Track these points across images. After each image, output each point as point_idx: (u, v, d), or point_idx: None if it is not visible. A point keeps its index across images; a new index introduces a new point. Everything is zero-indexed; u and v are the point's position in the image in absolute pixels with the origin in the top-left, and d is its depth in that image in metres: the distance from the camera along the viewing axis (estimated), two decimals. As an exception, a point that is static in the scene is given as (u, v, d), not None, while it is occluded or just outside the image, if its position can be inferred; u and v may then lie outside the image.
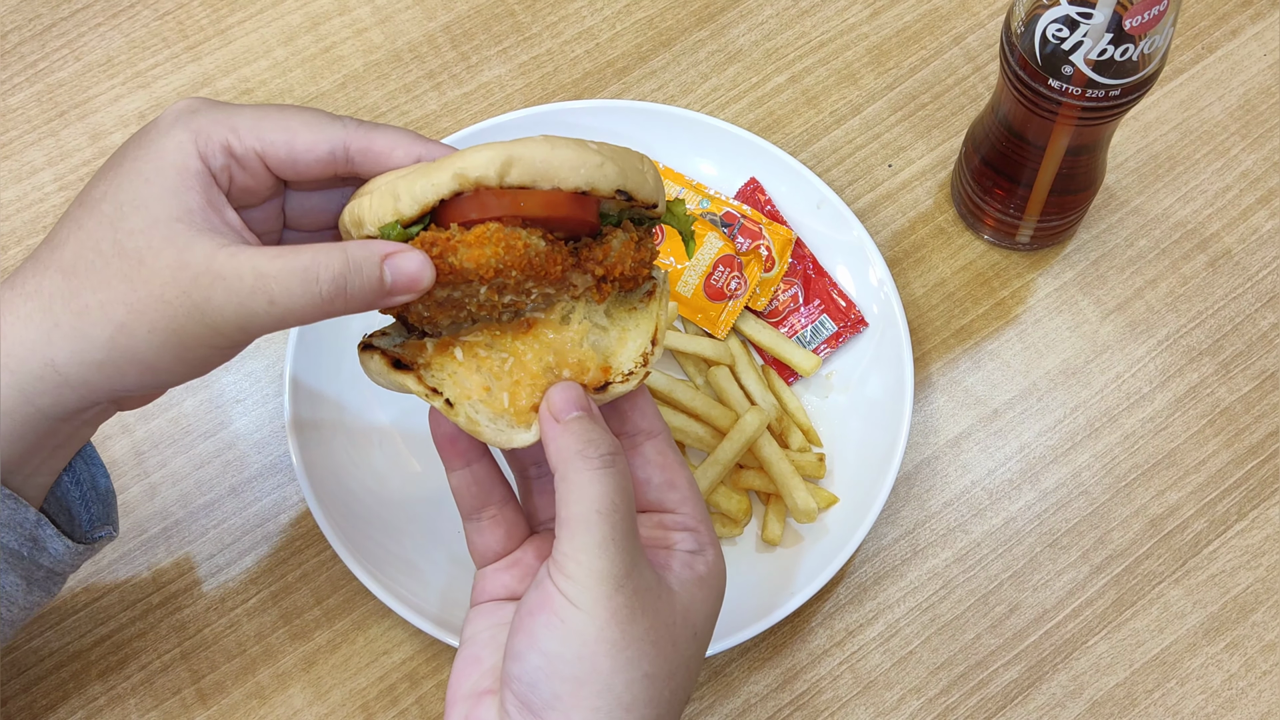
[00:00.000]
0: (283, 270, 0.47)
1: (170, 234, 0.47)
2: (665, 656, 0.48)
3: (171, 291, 0.47)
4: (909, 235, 0.80)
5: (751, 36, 0.86)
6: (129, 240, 0.48)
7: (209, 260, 0.47)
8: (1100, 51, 0.62)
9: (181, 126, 0.49)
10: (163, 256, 0.47)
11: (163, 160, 0.48)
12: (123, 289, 0.47)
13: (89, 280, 0.48)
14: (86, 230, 0.48)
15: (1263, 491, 0.73)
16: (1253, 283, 0.78)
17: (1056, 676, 0.69)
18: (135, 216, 0.48)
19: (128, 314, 0.47)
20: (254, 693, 0.68)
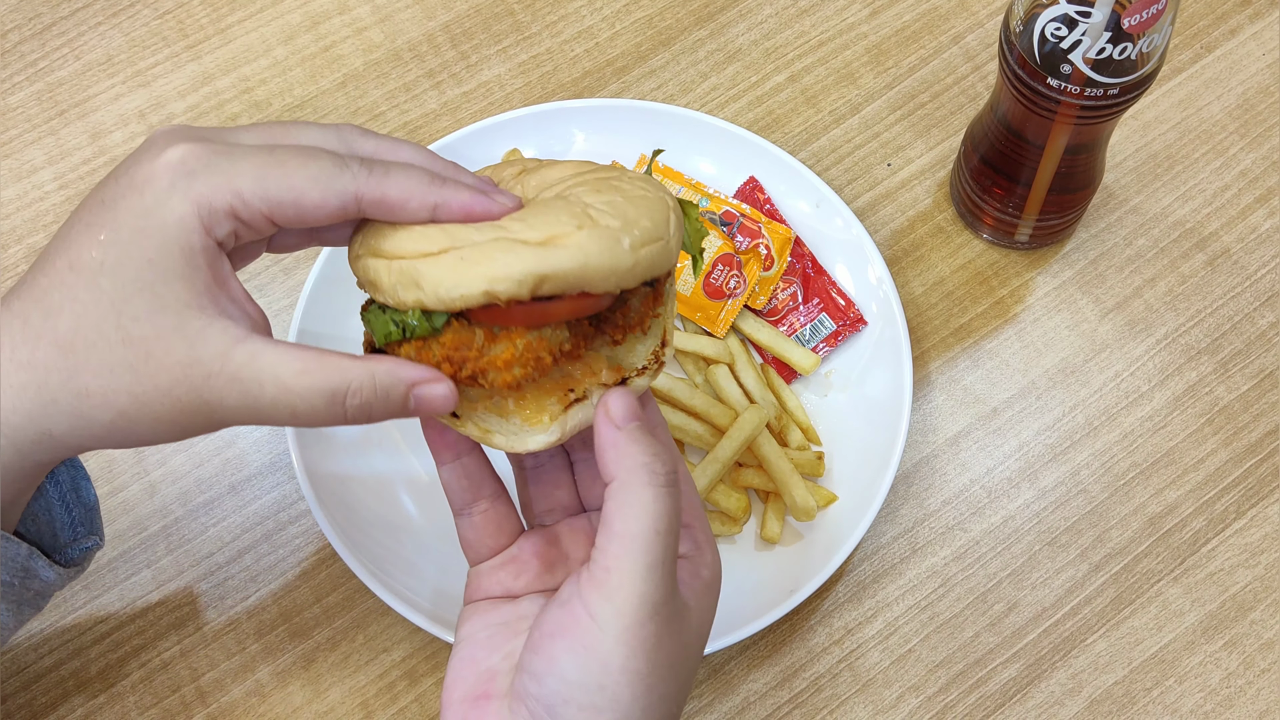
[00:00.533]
0: (309, 390, 0.46)
1: (179, 323, 0.45)
2: (677, 676, 0.47)
3: (181, 389, 0.46)
4: (908, 234, 0.80)
5: (751, 36, 0.86)
6: (134, 327, 0.45)
7: (223, 360, 0.45)
8: (1099, 50, 0.62)
9: (181, 195, 0.45)
10: (173, 351, 0.45)
11: (166, 236, 0.45)
12: (127, 379, 0.46)
13: (89, 363, 0.46)
14: (84, 305, 0.45)
15: (1261, 490, 0.73)
16: (1251, 281, 0.78)
17: (1055, 675, 0.69)
18: (139, 301, 0.45)
19: (131, 403, 0.46)
20: (253, 690, 0.68)
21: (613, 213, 0.49)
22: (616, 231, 0.48)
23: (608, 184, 0.51)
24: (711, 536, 0.53)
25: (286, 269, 0.79)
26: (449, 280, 0.47)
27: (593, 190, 0.50)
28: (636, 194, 0.50)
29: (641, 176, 0.53)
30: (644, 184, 0.52)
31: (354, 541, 0.67)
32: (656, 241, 0.50)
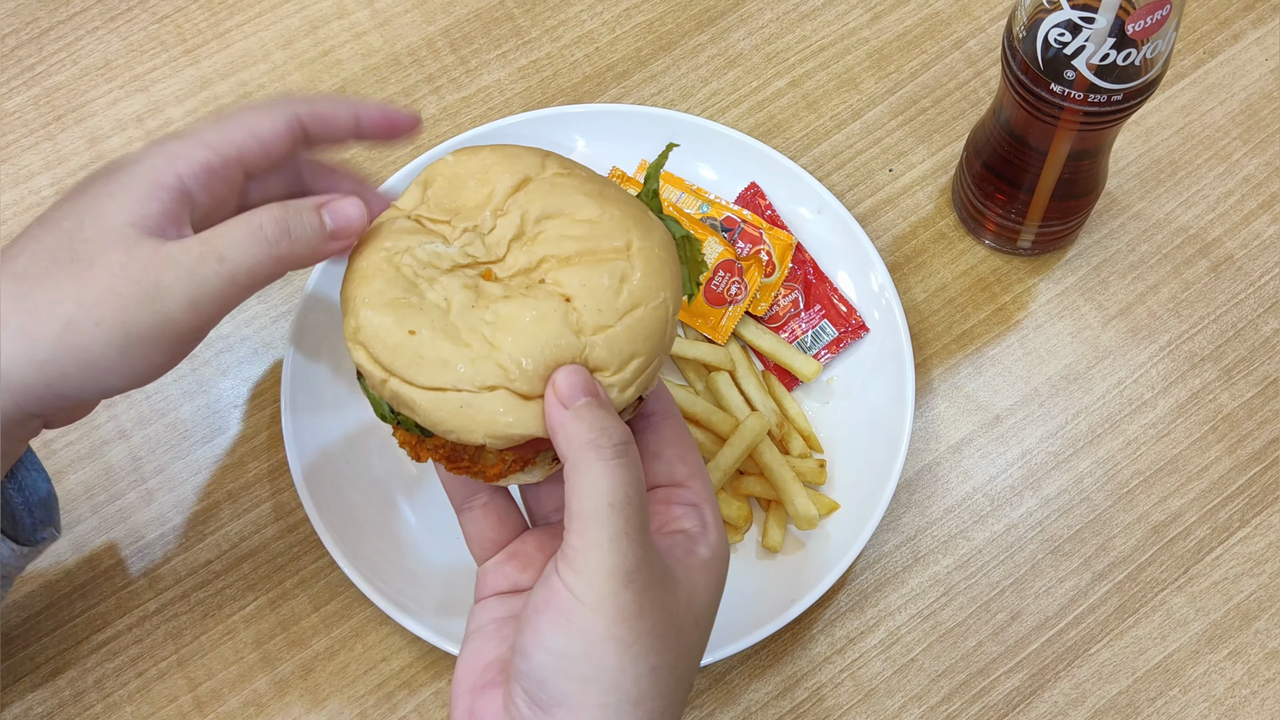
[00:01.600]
0: (228, 229, 0.50)
1: (122, 236, 0.49)
2: (670, 648, 0.47)
3: (121, 283, 0.49)
4: (910, 240, 0.80)
5: (752, 41, 0.85)
6: (83, 247, 0.49)
7: (156, 249, 0.49)
8: (1102, 56, 0.61)
9: (155, 152, 0.51)
10: (113, 254, 0.49)
11: (131, 177, 0.50)
12: (72, 288, 0.49)
13: (40, 284, 0.49)
14: (43, 243, 0.50)
15: (1265, 498, 0.73)
16: (1255, 288, 0.78)
17: (1059, 684, 0.68)
18: (91, 226, 0.50)
19: (76, 309, 0.49)
20: (251, 700, 0.68)
21: (609, 348, 0.50)
22: (609, 379, 0.51)
23: (616, 278, 0.51)
24: (720, 520, 0.52)
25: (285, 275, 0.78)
26: (448, 424, 0.50)
27: (595, 296, 0.51)
28: (640, 294, 0.51)
29: (652, 249, 0.53)
30: (648, 269, 0.52)
31: (352, 550, 0.67)
32: (649, 366, 0.52)
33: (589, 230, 0.52)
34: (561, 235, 0.52)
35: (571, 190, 0.53)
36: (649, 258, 0.52)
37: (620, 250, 0.52)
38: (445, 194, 0.54)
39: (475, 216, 0.53)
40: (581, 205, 0.53)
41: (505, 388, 0.50)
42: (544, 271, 0.52)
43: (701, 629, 0.50)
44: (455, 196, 0.54)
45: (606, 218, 0.52)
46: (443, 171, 0.55)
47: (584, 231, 0.52)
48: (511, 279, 0.52)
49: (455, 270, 0.52)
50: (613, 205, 0.53)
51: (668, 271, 0.53)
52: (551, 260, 0.52)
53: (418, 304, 0.51)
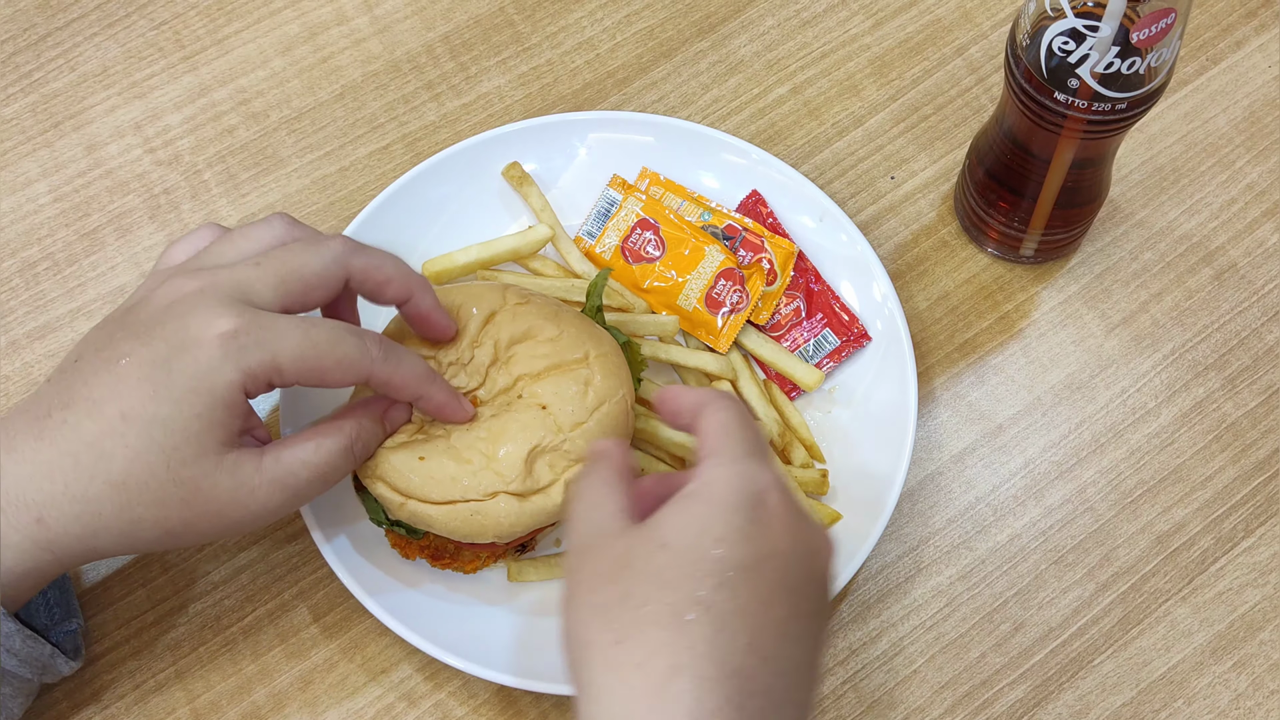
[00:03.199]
0: (330, 455, 0.58)
1: (219, 461, 0.55)
2: (616, 582, 0.48)
3: (232, 509, 0.56)
4: (912, 248, 0.79)
5: (753, 47, 0.85)
6: (183, 469, 0.54)
7: (259, 474, 0.56)
8: (1107, 65, 0.61)
9: (232, 365, 0.54)
10: (220, 484, 0.55)
11: (213, 398, 0.54)
12: (179, 509, 0.55)
13: (143, 497, 0.54)
14: (136, 451, 0.53)
15: (1270, 508, 0.72)
16: (1259, 296, 0.78)
17: (1062, 696, 0.68)
18: (186, 448, 0.54)
19: (182, 528, 0.55)
20: (250, 713, 0.67)
21: (587, 441, 0.61)
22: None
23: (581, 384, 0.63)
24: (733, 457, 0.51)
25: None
26: (463, 530, 0.61)
27: (567, 400, 0.62)
28: (603, 393, 0.63)
29: (606, 355, 0.64)
30: (605, 372, 0.63)
31: (351, 561, 0.67)
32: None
33: (552, 348, 0.63)
34: (530, 355, 0.63)
35: (532, 316, 0.64)
36: (605, 363, 0.63)
37: (581, 360, 0.63)
38: None
39: (454, 350, 0.64)
40: (543, 327, 0.64)
41: (504, 491, 0.60)
42: (520, 388, 0.63)
43: (674, 553, 0.48)
44: None
45: (565, 335, 0.64)
46: None
47: (548, 349, 0.63)
48: (494, 399, 0.63)
49: None
50: (568, 324, 0.64)
51: (621, 372, 0.64)
52: (525, 377, 0.63)
53: (423, 438, 0.62)
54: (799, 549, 0.49)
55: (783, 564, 0.48)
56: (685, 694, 0.44)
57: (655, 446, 0.70)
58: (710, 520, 0.48)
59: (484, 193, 0.78)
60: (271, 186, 0.81)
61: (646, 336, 0.73)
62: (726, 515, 0.48)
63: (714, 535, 0.48)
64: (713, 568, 0.47)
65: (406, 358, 0.59)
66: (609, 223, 0.76)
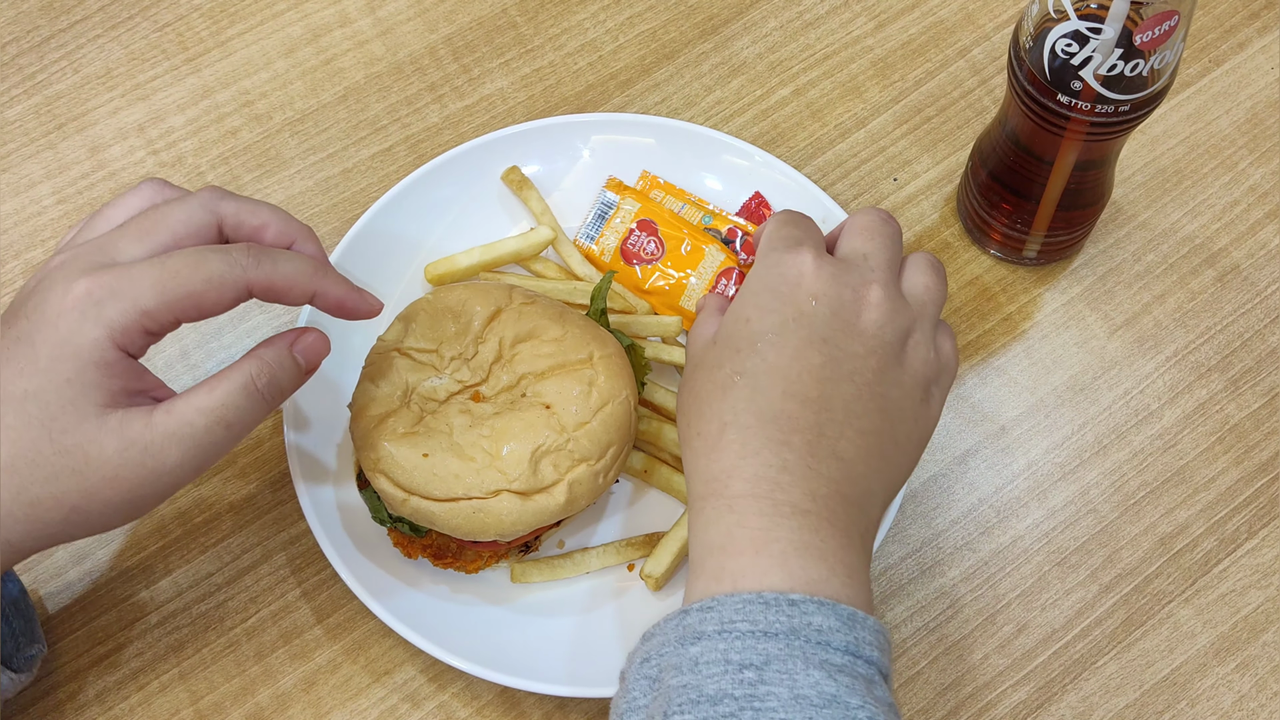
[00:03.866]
0: (227, 395, 0.54)
1: (102, 423, 0.52)
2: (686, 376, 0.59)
3: (125, 470, 0.52)
4: (915, 250, 0.79)
5: (756, 49, 0.85)
6: (65, 438, 0.52)
7: (150, 428, 0.53)
8: (1110, 67, 0.61)
9: (92, 322, 0.52)
10: (106, 446, 0.52)
11: (80, 359, 0.52)
12: (73, 480, 0.52)
13: (35, 475, 0.52)
14: (17, 430, 0.52)
15: (1273, 509, 0.72)
16: (1261, 298, 0.78)
17: (1065, 698, 0.68)
18: (64, 416, 0.52)
19: (81, 498, 0.52)
20: (253, 714, 0.67)
21: (590, 440, 0.62)
22: (594, 468, 0.62)
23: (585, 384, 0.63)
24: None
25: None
26: (465, 528, 0.61)
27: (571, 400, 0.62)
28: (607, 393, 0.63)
29: (610, 357, 0.64)
30: (609, 373, 0.64)
31: (355, 561, 0.67)
32: (622, 453, 0.64)
33: (557, 348, 0.64)
34: (535, 354, 0.64)
35: (537, 316, 0.65)
36: (609, 364, 0.64)
37: (585, 361, 0.64)
38: (428, 327, 0.65)
39: (458, 344, 0.65)
40: (547, 328, 0.64)
41: (507, 490, 0.61)
42: (524, 387, 0.63)
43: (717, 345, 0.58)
44: (437, 328, 0.65)
45: (569, 336, 0.64)
46: (424, 308, 0.66)
47: (553, 349, 0.64)
48: (497, 396, 0.64)
49: (450, 399, 0.64)
50: (572, 325, 0.65)
51: (625, 374, 0.65)
52: (529, 376, 0.64)
53: (425, 432, 0.62)
54: (825, 306, 0.56)
55: (809, 321, 0.55)
56: (732, 442, 0.54)
57: (658, 448, 0.70)
58: (740, 306, 0.57)
59: (487, 195, 0.78)
60: (275, 188, 0.81)
61: (649, 338, 0.73)
62: (752, 298, 0.57)
63: (743, 316, 0.56)
64: (744, 342, 0.56)
65: (283, 257, 0.55)
66: (606, 225, 0.76)
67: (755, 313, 0.56)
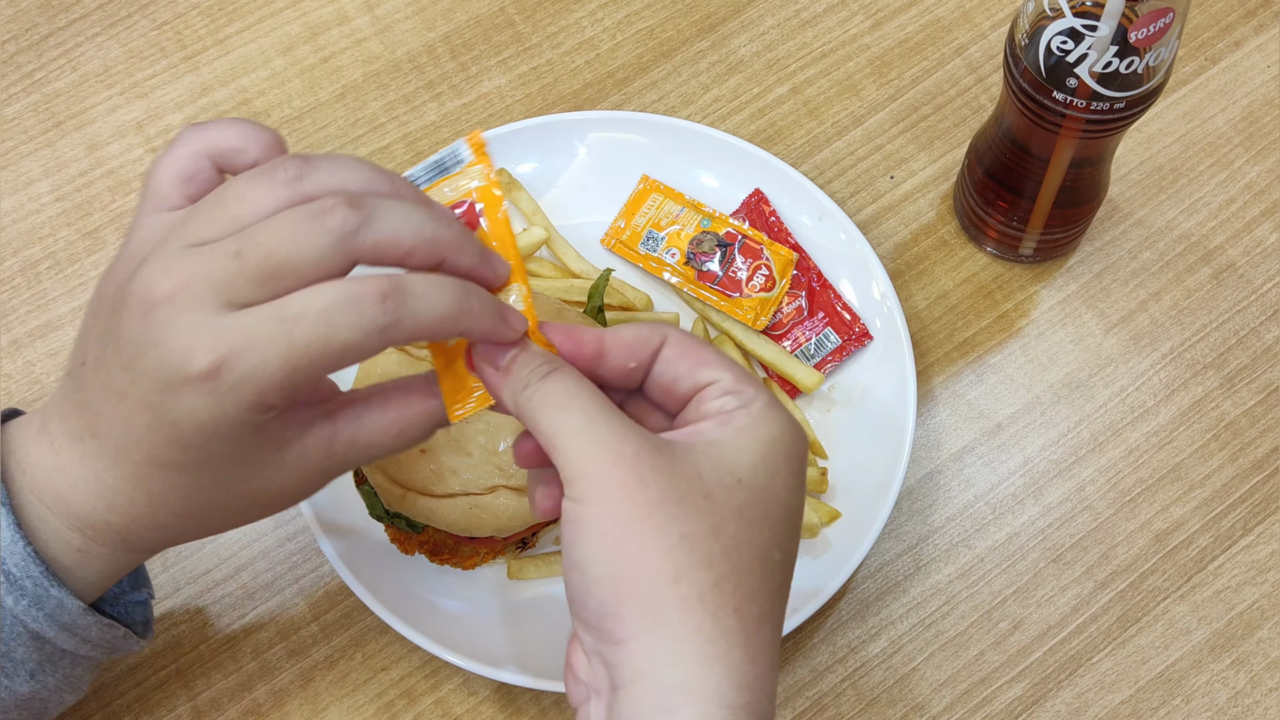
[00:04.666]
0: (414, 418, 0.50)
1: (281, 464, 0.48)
2: (700, 512, 0.43)
3: (306, 490, 0.50)
4: (911, 247, 0.79)
5: (753, 47, 0.85)
6: (242, 486, 0.48)
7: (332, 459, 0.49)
8: (1105, 64, 0.61)
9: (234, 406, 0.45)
10: (288, 482, 0.49)
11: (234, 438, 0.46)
12: (255, 512, 0.50)
13: (214, 516, 0.50)
14: (187, 492, 0.48)
15: (1268, 506, 0.72)
16: (1257, 296, 0.78)
17: (1061, 694, 0.68)
18: (238, 474, 0.48)
19: (253, 517, 0.51)
20: (250, 710, 0.67)
21: None
22: None
23: None
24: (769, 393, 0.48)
25: (285, 282, 0.78)
26: (462, 523, 0.62)
27: None
28: None
29: None
30: None
31: (352, 558, 0.67)
32: None
33: None
34: None
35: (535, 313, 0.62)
36: None
37: None
38: None
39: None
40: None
41: (504, 485, 0.61)
42: None
43: (751, 490, 0.45)
44: None
45: None
46: None
47: None
48: None
49: None
50: (570, 321, 0.60)
51: None
52: None
53: None
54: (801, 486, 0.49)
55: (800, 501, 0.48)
56: (768, 644, 0.44)
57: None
58: (775, 460, 0.46)
59: (484, 192, 0.78)
60: (272, 186, 0.81)
61: (646, 335, 0.73)
62: (788, 460, 0.47)
63: (781, 480, 0.46)
64: (783, 512, 0.46)
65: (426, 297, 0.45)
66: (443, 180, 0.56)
67: (792, 480, 0.47)
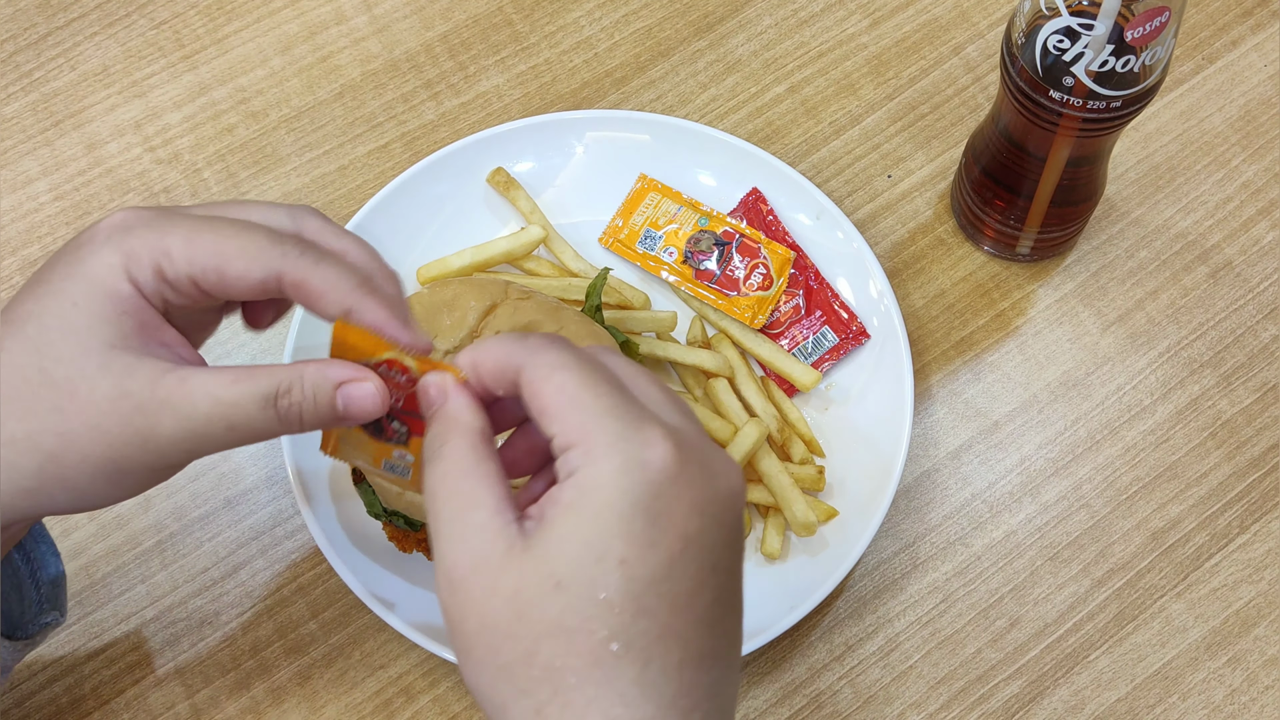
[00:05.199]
0: (242, 396, 0.45)
1: (105, 361, 0.45)
2: (515, 638, 0.40)
3: (110, 420, 0.45)
4: (909, 246, 0.79)
5: (750, 46, 0.85)
6: (56, 368, 0.45)
7: (153, 387, 0.45)
8: (1101, 63, 0.61)
9: (112, 247, 0.45)
10: (98, 387, 0.45)
11: (91, 283, 0.45)
12: (53, 419, 0.45)
13: (14, 409, 0.45)
14: (10, 354, 0.45)
15: (1265, 505, 0.72)
16: (1254, 294, 0.78)
17: (1058, 691, 0.68)
18: (63, 344, 0.45)
19: (58, 443, 0.45)
20: (249, 708, 0.67)
21: None
22: None
23: None
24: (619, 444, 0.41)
25: (283, 281, 0.78)
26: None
27: None
28: None
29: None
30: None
31: (350, 557, 0.67)
32: None
33: None
34: None
35: (533, 311, 0.64)
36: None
37: None
38: (423, 320, 0.65)
39: (453, 338, 0.64)
40: (543, 323, 0.64)
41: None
42: None
43: (573, 593, 0.40)
44: (432, 322, 0.65)
45: (565, 331, 0.63)
46: (420, 301, 0.66)
47: None
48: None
49: None
50: (568, 321, 0.64)
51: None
52: None
53: None
54: (711, 518, 0.41)
55: (698, 548, 0.41)
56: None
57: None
58: (605, 540, 0.40)
59: (482, 191, 0.78)
60: (271, 184, 0.81)
61: (644, 334, 0.73)
62: (622, 526, 0.40)
63: (615, 557, 0.39)
64: (621, 599, 0.39)
65: (329, 261, 0.46)
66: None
67: (630, 550, 0.40)
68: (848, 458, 0.72)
